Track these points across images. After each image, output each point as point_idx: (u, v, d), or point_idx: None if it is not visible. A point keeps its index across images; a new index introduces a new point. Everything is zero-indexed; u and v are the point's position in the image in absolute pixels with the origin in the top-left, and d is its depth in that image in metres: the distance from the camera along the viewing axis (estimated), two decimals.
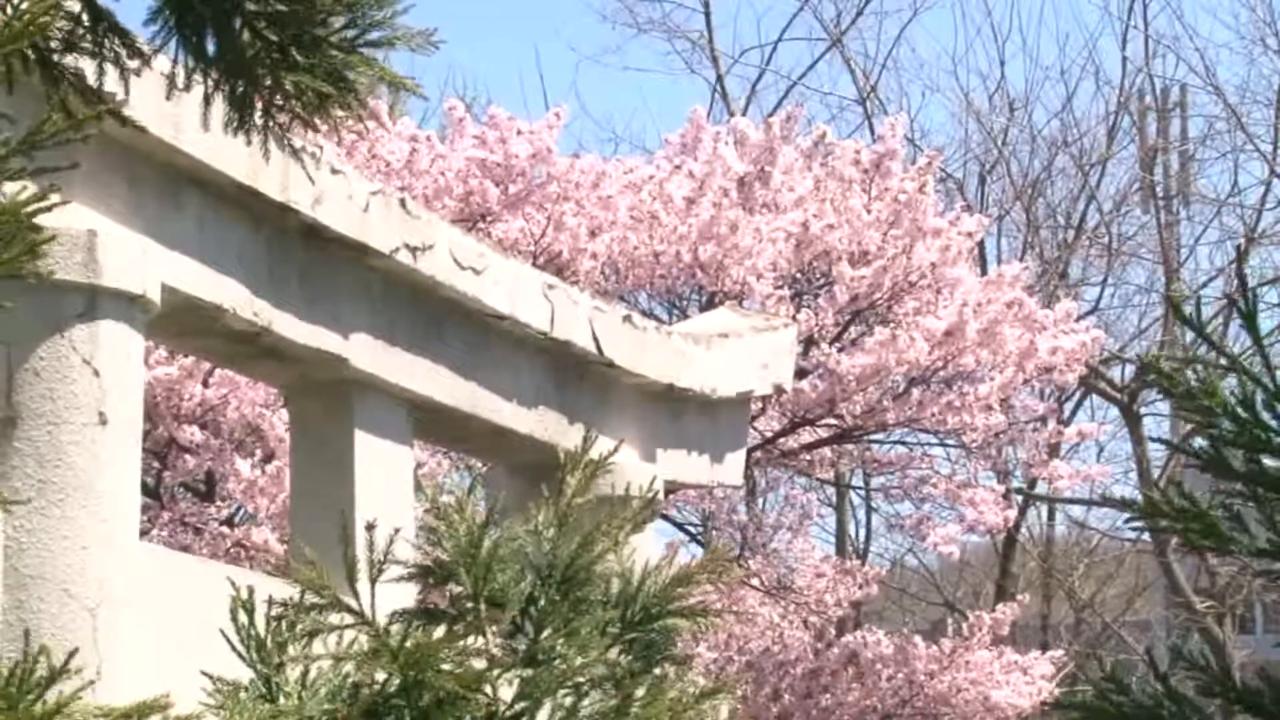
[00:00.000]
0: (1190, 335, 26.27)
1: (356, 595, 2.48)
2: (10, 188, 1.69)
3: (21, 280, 1.73)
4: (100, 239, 7.01)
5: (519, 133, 14.59)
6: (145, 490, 10.59)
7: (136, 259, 7.21)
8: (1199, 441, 2.70)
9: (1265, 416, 2.59)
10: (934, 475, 17.06)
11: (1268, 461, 2.60)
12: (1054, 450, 18.91)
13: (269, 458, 13.34)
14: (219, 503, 13.98)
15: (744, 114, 22.16)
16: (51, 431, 6.90)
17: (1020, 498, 22.58)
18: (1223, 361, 2.74)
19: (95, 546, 6.90)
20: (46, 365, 6.94)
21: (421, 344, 8.90)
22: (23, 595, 6.74)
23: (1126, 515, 2.86)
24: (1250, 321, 2.71)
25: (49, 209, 1.62)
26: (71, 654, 1.91)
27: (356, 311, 8.50)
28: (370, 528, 2.51)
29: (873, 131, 23.13)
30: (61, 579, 6.79)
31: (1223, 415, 2.62)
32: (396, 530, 2.54)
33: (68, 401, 6.94)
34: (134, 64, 2.23)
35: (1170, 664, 2.81)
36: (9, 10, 1.67)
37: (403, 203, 8.80)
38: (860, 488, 22.67)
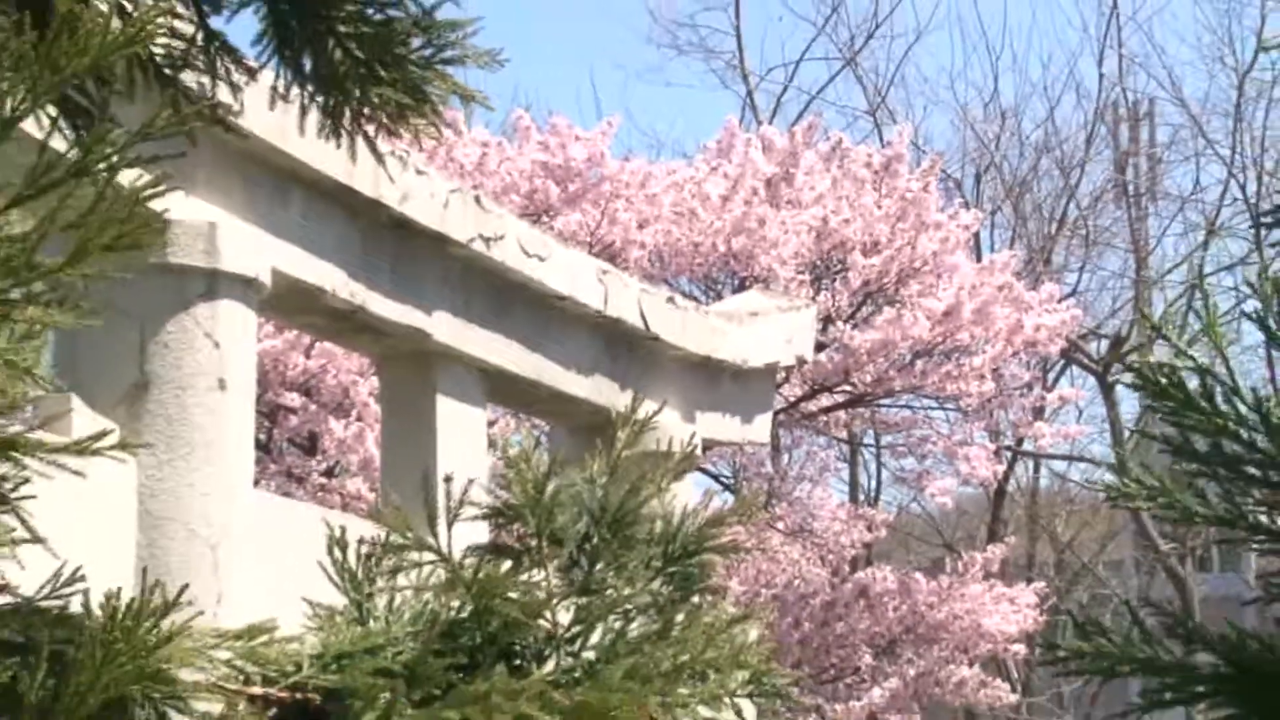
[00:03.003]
0: (1158, 314, 26.12)
1: (436, 535, 2.48)
2: (130, 179, 1.68)
3: (153, 265, 1.73)
4: (219, 230, 7.03)
5: (577, 139, 14.60)
6: (257, 446, 10.64)
7: (250, 247, 7.23)
8: (1161, 430, 2.72)
9: (1223, 408, 2.61)
10: (934, 434, 17.03)
11: (1225, 445, 2.61)
12: (1038, 413, 18.85)
13: (359, 418, 13.40)
14: (319, 457, 14.03)
15: (771, 123, 22.08)
16: (178, 395, 6.94)
17: (1009, 453, 22.50)
18: (1190, 363, 2.75)
19: (215, 493, 6.94)
20: (174, 338, 6.97)
21: (494, 321, 8.91)
22: (155, 534, 6.79)
23: (1104, 495, 2.87)
24: (1211, 328, 2.73)
25: (162, 193, 1.61)
26: (183, 588, 1.91)
27: (438, 292, 8.52)
28: (449, 479, 2.51)
29: (882, 138, 23.04)
30: (187, 520, 6.83)
31: (1188, 408, 2.62)
32: (471, 481, 2.54)
33: (192, 369, 6.97)
34: (243, 78, 2.22)
35: (1140, 604, 2.81)
36: (120, 19, 1.66)
37: (477, 199, 8.80)
38: (871, 445, 22.60)
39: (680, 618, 2.39)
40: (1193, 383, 2.61)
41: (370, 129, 2.29)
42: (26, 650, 1.82)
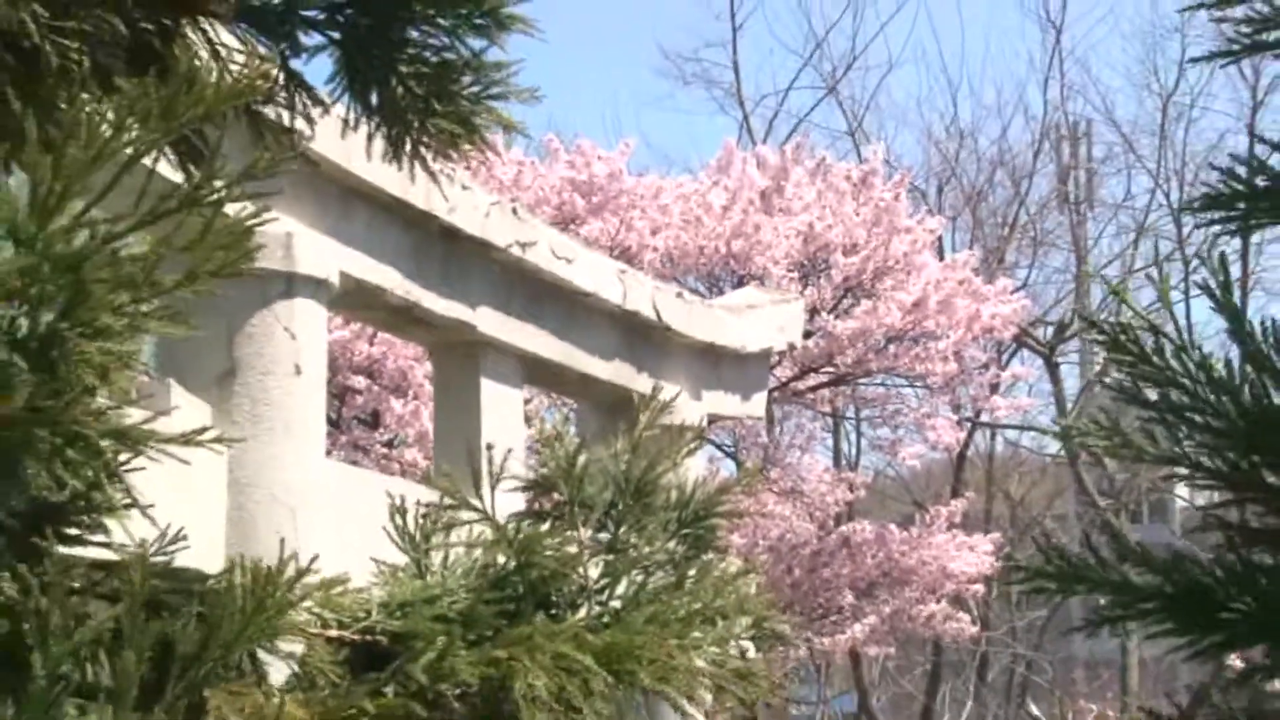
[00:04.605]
0: (1095, 302, 26.11)
1: (483, 499, 2.47)
2: (233, 208, 1.71)
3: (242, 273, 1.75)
4: (295, 239, 7.03)
5: (599, 158, 14.59)
6: (327, 422, 10.65)
7: (321, 253, 7.23)
8: (1109, 381, 2.72)
9: (1171, 362, 2.60)
10: (905, 408, 17.01)
11: (1173, 394, 2.61)
12: (994, 388, 18.80)
13: (415, 398, 13.39)
14: (381, 431, 14.03)
15: (764, 143, 22.02)
16: (261, 379, 6.94)
17: (969, 423, 22.45)
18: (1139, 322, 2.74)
19: (293, 463, 6.94)
20: (257, 330, 6.97)
21: (529, 314, 8.90)
22: (242, 498, 6.79)
23: (1066, 435, 2.88)
24: (1164, 295, 2.73)
25: (263, 223, 1.65)
26: (314, 559, 1.91)
27: (481, 290, 8.51)
28: (490, 449, 2.50)
29: (859, 156, 22.95)
30: (269, 486, 6.83)
31: (1142, 361, 2.62)
32: (509, 451, 2.53)
33: (272, 357, 6.97)
34: (317, 111, 2.22)
35: (1083, 540, 2.80)
36: (226, 75, 1.68)
37: (514, 210, 8.79)
38: (852, 417, 22.57)
39: (693, 572, 2.39)
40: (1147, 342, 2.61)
41: (427, 154, 2.28)
42: (160, 607, 1.83)
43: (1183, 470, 2.64)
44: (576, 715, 2.12)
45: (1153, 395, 2.64)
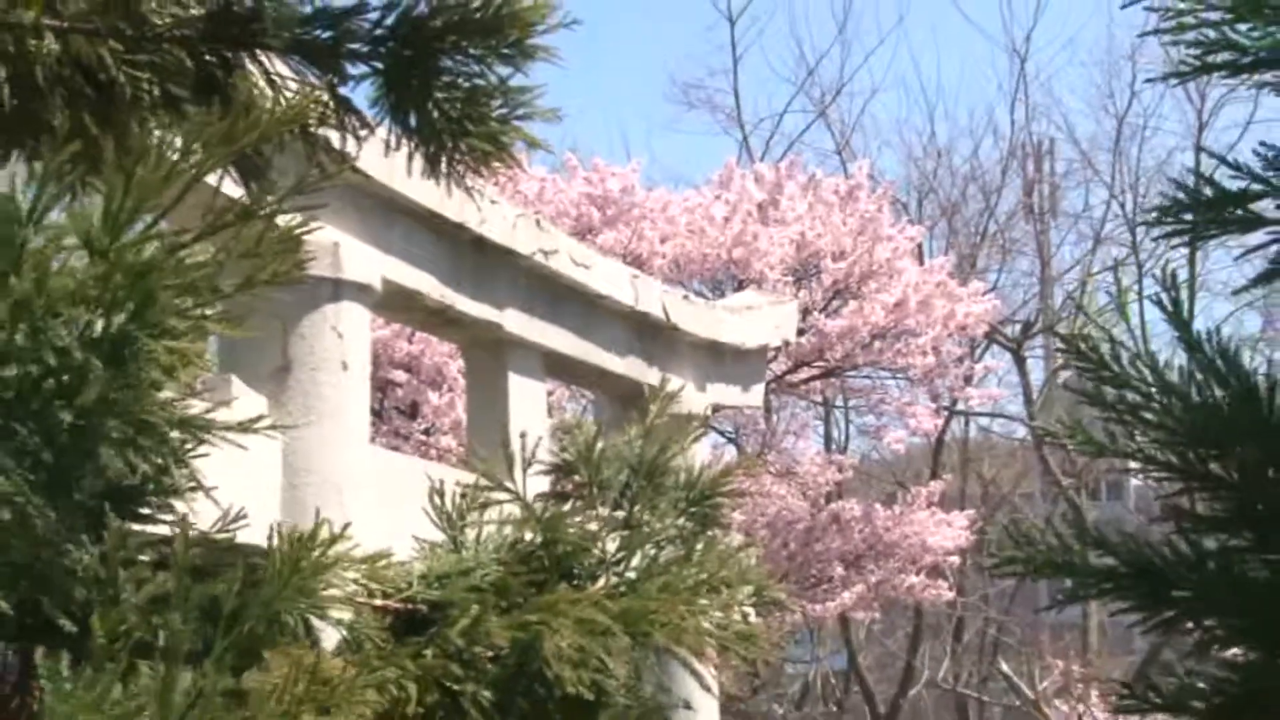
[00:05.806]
0: (1059, 304, 26.09)
1: (514, 481, 2.47)
2: (285, 220, 1.72)
3: (294, 279, 1.75)
4: (342, 248, 7.03)
5: (613, 175, 14.59)
6: (371, 412, 10.64)
7: (365, 261, 7.23)
8: (1071, 384, 2.73)
9: (1127, 367, 2.60)
10: (889, 398, 16.99)
11: (1128, 395, 2.61)
12: (968, 380, 18.75)
13: (450, 390, 13.39)
14: (419, 420, 14.04)
15: (761, 161, 21.98)
16: (312, 374, 6.95)
17: (946, 411, 22.40)
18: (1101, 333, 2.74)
19: (341, 449, 6.95)
20: (308, 331, 6.97)
21: (551, 315, 8.90)
22: (295, 480, 6.80)
23: (1039, 437, 2.88)
24: (1121, 307, 2.75)
25: (311, 231, 1.65)
26: (346, 526, 1.91)
27: (508, 294, 8.51)
28: (523, 436, 2.50)
29: (846, 172, 22.91)
30: (319, 470, 6.84)
31: (1102, 367, 2.62)
32: (539, 439, 2.53)
33: (322, 354, 6.97)
34: (364, 133, 2.22)
35: (1046, 524, 2.79)
36: (280, 101, 1.69)
37: (537, 221, 8.79)
38: (841, 406, 22.53)
39: (700, 546, 2.38)
40: (1104, 348, 2.61)
41: (460, 170, 2.28)
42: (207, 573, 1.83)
43: (1135, 465, 2.64)
44: (599, 673, 2.11)
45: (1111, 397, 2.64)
